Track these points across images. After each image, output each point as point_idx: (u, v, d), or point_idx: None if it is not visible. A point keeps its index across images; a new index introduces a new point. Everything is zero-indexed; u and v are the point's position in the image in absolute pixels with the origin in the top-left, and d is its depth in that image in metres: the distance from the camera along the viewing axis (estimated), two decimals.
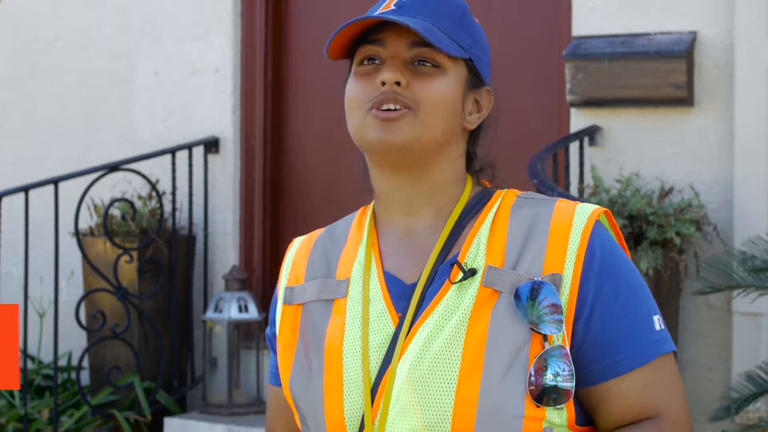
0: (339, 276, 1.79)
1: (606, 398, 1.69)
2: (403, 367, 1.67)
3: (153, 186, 5.79)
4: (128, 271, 5.66)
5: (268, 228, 6.20)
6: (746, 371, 4.23)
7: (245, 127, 6.17)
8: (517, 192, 1.80)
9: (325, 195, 6.15)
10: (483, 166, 1.83)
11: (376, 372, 1.70)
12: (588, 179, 5.14)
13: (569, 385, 1.65)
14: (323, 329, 1.77)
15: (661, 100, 5.10)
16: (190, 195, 5.96)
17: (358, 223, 1.85)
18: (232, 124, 6.14)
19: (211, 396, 5.75)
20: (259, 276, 6.15)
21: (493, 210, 1.76)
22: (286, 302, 1.83)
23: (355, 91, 1.76)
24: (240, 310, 5.68)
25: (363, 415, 1.69)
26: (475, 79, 1.79)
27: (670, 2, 5.19)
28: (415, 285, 1.73)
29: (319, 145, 6.17)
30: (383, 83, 1.72)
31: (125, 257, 5.60)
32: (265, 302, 6.01)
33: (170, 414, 5.70)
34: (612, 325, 1.68)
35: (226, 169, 6.14)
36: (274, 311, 1.88)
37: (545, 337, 1.65)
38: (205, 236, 6.06)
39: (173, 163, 5.85)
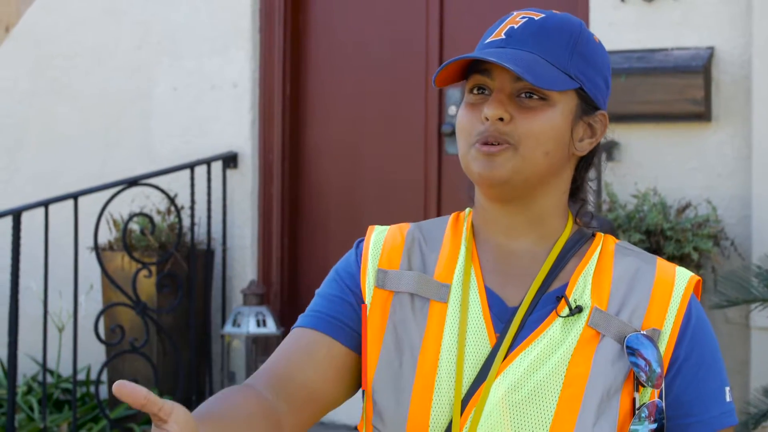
0: (438, 277, 1.80)
1: None
2: (499, 387, 1.70)
3: (172, 201, 5.82)
4: (147, 285, 5.69)
5: (287, 243, 6.22)
6: (764, 386, 4.23)
7: (263, 142, 6.19)
8: (616, 239, 1.84)
9: (343, 209, 6.17)
10: (584, 200, 1.85)
11: (468, 386, 1.72)
12: (605, 195, 5.14)
13: (648, 428, 1.71)
14: (420, 330, 1.77)
15: (678, 116, 5.10)
16: (209, 210, 5.98)
17: (454, 230, 1.85)
18: (250, 139, 6.17)
19: None
20: (277, 291, 6.16)
21: (598, 250, 1.80)
22: (378, 285, 1.81)
23: (463, 120, 1.77)
24: (258, 325, 5.70)
25: (448, 426, 1.71)
26: (587, 106, 1.79)
27: (687, 17, 5.19)
28: (515, 308, 1.76)
29: (337, 159, 6.18)
30: (487, 119, 1.73)
31: (144, 272, 5.62)
32: (283, 317, 6.03)
33: None
34: (693, 388, 1.75)
35: (245, 183, 6.16)
36: (350, 270, 1.85)
37: (637, 388, 1.71)
38: (224, 251, 6.08)
39: (192, 178, 5.87)
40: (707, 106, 5.06)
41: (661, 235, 4.82)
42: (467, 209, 1.87)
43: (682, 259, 4.81)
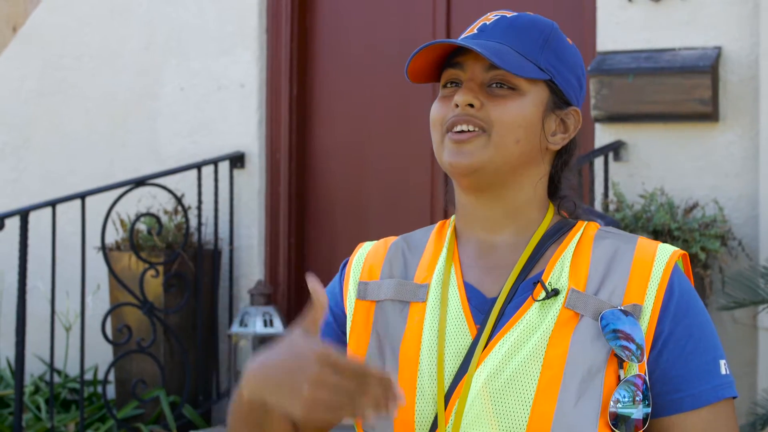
0: (417, 280, 1.82)
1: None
2: (479, 377, 1.70)
3: (179, 201, 5.82)
4: (154, 285, 5.69)
5: (294, 242, 6.22)
6: None
7: (270, 142, 6.19)
8: (598, 225, 1.84)
9: (350, 209, 6.17)
10: (567, 195, 1.85)
11: (450, 380, 1.73)
12: (613, 195, 5.14)
13: (643, 413, 1.70)
14: (399, 331, 1.79)
15: (685, 116, 5.10)
16: (216, 210, 5.98)
17: (438, 234, 1.88)
18: (257, 139, 6.17)
19: None
20: (284, 291, 6.16)
21: (577, 236, 1.80)
22: (359, 297, 1.84)
23: (435, 112, 1.81)
24: (265, 325, 5.70)
25: (434, 420, 1.72)
26: (559, 100, 1.81)
27: (694, 17, 5.19)
28: (494, 299, 1.76)
29: (343, 159, 6.19)
30: (457, 105, 1.76)
31: (151, 271, 5.62)
32: (291, 317, 6.03)
33: (195, 428, 5.72)
34: (681, 362, 1.72)
35: (252, 183, 6.16)
36: (333, 290, 1.89)
37: (621, 365, 1.69)
38: (231, 251, 6.09)
39: (199, 178, 5.88)
40: (715, 106, 5.06)
41: (669, 235, 4.82)
42: (452, 216, 1.89)
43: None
